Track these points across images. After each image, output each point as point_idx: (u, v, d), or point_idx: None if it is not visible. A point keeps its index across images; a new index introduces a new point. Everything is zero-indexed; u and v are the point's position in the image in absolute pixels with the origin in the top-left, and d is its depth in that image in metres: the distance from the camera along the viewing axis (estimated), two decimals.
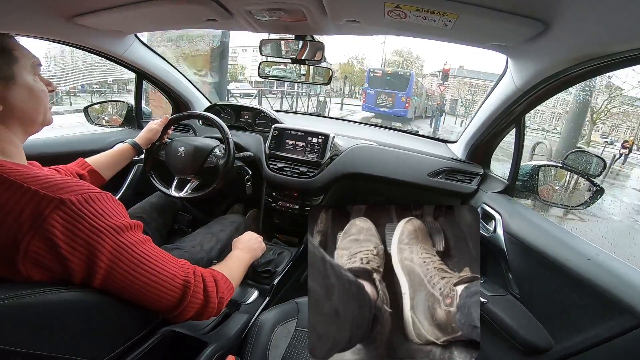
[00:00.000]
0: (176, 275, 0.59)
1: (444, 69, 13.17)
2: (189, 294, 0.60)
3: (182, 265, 0.62)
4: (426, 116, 15.54)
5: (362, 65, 37.89)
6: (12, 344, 0.43)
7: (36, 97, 0.60)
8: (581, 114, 6.29)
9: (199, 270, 0.65)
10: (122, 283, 0.53)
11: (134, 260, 0.54)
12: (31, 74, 0.59)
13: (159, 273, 0.57)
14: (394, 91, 11.44)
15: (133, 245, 0.54)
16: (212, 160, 1.28)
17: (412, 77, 11.48)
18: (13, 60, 0.56)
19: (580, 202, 1.11)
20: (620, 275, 0.72)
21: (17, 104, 0.56)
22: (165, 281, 0.57)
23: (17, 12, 0.93)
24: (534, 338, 0.82)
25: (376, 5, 0.76)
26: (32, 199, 0.47)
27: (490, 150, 1.39)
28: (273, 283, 1.30)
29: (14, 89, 0.56)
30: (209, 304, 0.64)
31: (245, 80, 26.29)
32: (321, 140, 1.46)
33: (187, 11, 0.97)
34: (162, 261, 0.58)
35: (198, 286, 0.62)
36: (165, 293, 0.57)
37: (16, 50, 0.57)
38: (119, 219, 0.54)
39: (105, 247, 0.50)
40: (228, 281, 0.72)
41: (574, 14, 0.64)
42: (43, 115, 0.62)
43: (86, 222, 0.49)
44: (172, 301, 0.59)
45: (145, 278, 0.55)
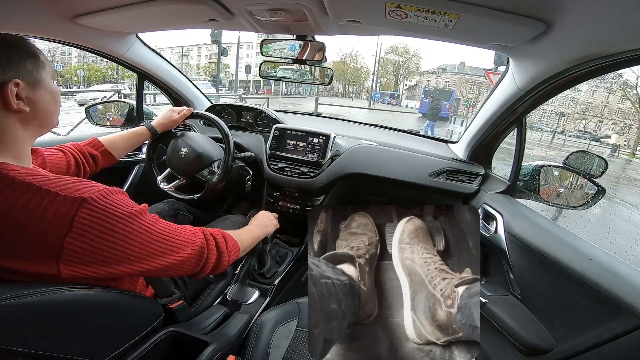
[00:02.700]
0: (191, 240, 0.67)
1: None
2: (204, 252, 0.68)
3: (192, 231, 0.69)
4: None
5: (356, 64, 37.68)
6: (12, 344, 0.44)
7: (55, 100, 0.64)
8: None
9: (207, 230, 0.73)
10: (153, 261, 0.59)
11: (157, 237, 0.60)
12: (52, 79, 0.63)
13: (179, 243, 0.64)
14: (441, 100, 15.89)
15: (153, 225, 0.60)
16: (204, 174, 1.28)
17: (454, 92, 19.05)
18: (41, 66, 0.60)
19: (582, 202, 1.10)
20: (623, 276, 0.72)
21: (42, 105, 0.60)
22: (184, 248, 0.65)
23: (19, 13, 0.93)
24: (536, 339, 0.82)
25: (377, 5, 0.76)
26: (54, 200, 0.49)
27: (491, 150, 1.39)
28: (274, 283, 1.31)
29: (40, 91, 0.60)
30: (222, 257, 0.73)
31: (226, 79, 25.71)
32: (322, 141, 1.46)
33: (189, 11, 0.97)
34: (178, 231, 0.65)
35: (210, 243, 0.71)
36: (187, 258, 0.65)
37: (42, 56, 0.61)
38: (133, 206, 0.58)
39: (134, 232, 0.56)
40: (235, 241, 0.80)
41: (576, 14, 0.64)
42: (57, 117, 0.67)
43: (111, 213, 0.53)
44: (193, 261, 0.66)
45: (170, 250, 0.62)
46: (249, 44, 31.38)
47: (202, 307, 1.03)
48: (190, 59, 29.36)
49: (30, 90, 0.57)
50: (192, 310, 0.97)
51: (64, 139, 1.41)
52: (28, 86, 0.57)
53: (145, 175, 1.57)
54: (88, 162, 0.95)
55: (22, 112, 0.56)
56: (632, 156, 12.66)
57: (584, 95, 20.43)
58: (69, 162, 0.88)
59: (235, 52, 20.03)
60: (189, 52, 29.13)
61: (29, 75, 0.57)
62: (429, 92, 18.67)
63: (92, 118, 1.59)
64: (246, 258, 1.42)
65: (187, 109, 1.24)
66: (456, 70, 29.40)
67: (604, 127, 19.16)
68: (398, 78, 36.52)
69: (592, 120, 19.96)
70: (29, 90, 0.57)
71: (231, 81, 22.44)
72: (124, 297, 0.63)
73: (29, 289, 0.46)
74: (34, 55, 0.58)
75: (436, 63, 46.69)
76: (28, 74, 0.57)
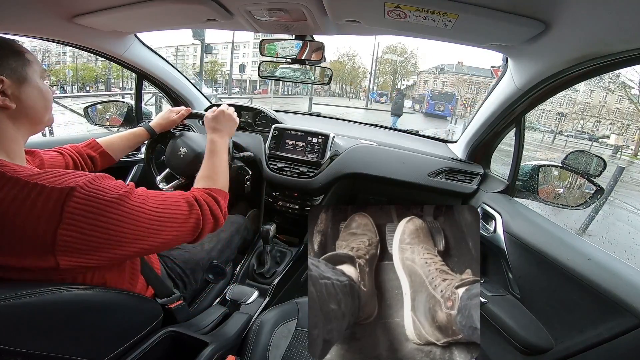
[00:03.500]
0: (186, 214, 0.67)
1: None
2: (200, 223, 0.69)
3: (186, 201, 0.69)
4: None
5: (354, 63, 37.60)
6: (12, 344, 0.43)
7: (45, 98, 0.64)
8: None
9: (200, 198, 0.73)
10: (148, 240, 0.59)
11: (150, 216, 0.60)
12: (40, 77, 0.63)
13: (175, 218, 0.64)
14: (444, 102, 19.46)
15: (143, 204, 0.60)
16: None
17: (455, 94, 20.56)
18: (26, 63, 0.60)
19: (580, 202, 1.11)
20: (621, 275, 0.72)
21: (29, 103, 0.60)
22: (180, 222, 0.65)
23: (17, 12, 0.93)
24: (535, 338, 0.82)
25: (376, 5, 0.76)
26: (41, 192, 0.49)
27: (490, 150, 1.40)
28: (273, 283, 1.31)
29: (27, 88, 0.60)
30: (218, 221, 0.75)
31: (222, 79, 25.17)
32: (321, 140, 1.46)
33: (187, 11, 0.97)
34: (171, 205, 0.65)
35: (206, 211, 0.71)
36: (184, 232, 0.67)
37: (28, 54, 0.61)
38: (122, 188, 0.58)
39: (125, 215, 0.55)
40: (225, 193, 0.82)
41: (575, 14, 0.64)
42: (49, 116, 0.66)
43: (100, 198, 0.53)
44: (190, 233, 0.68)
45: (165, 227, 0.62)
46: (245, 43, 31.27)
47: (202, 307, 1.03)
48: (185, 59, 29.18)
49: (16, 87, 0.57)
50: (191, 310, 0.97)
51: (63, 140, 1.41)
52: (13, 83, 0.57)
53: (144, 175, 1.56)
54: (86, 164, 0.94)
55: (8, 108, 0.56)
56: (633, 157, 12.65)
57: (583, 95, 20.44)
58: (67, 163, 0.88)
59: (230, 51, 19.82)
60: (185, 51, 28.98)
61: (13, 73, 0.57)
62: (434, 95, 20.88)
63: (91, 118, 1.59)
64: (246, 258, 1.42)
65: (185, 109, 1.23)
66: (454, 70, 29.46)
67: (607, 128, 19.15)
68: (396, 78, 36.53)
69: (590, 121, 19.97)
70: (15, 87, 0.57)
71: (227, 81, 22.26)
72: (123, 297, 0.63)
73: (28, 289, 0.46)
74: (17, 53, 0.59)
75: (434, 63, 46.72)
76: (12, 71, 0.57)
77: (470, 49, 1.46)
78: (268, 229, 1.32)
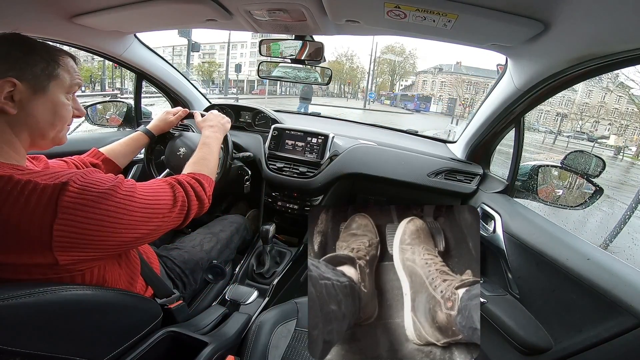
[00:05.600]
0: (172, 198, 0.69)
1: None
2: (186, 206, 0.71)
3: (171, 187, 0.71)
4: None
5: (352, 63, 37.63)
6: (12, 344, 0.43)
7: (58, 116, 0.61)
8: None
9: (184, 181, 0.75)
10: (141, 227, 0.60)
11: (140, 203, 0.61)
12: (64, 93, 0.62)
13: (163, 204, 0.66)
14: (425, 102, 27.32)
15: (133, 194, 0.60)
16: None
17: (431, 97, 28.34)
18: (54, 76, 0.59)
19: (580, 202, 1.11)
20: (620, 275, 0.72)
21: (33, 114, 0.58)
22: (169, 207, 0.67)
23: (16, 12, 0.92)
24: (534, 338, 0.82)
25: (376, 5, 0.76)
26: (35, 189, 0.49)
27: (489, 150, 1.40)
28: (273, 283, 1.30)
29: (39, 100, 0.57)
30: (203, 204, 0.78)
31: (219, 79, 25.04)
32: (321, 141, 1.46)
33: (187, 11, 0.97)
34: (154, 189, 0.67)
35: (190, 194, 0.74)
36: (173, 217, 0.68)
37: (62, 69, 0.60)
38: (112, 180, 0.59)
39: (117, 205, 0.56)
40: (210, 179, 0.85)
41: (574, 14, 0.64)
42: (56, 134, 0.63)
43: (92, 191, 0.53)
44: (177, 216, 0.70)
45: (155, 213, 0.64)
46: (243, 43, 31.15)
47: (201, 307, 1.03)
48: (182, 59, 29.11)
49: (28, 95, 0.55)
50: (190, 310, 0.97)
51: None
52: (28, 90, 0.55)
53: (144, 175, 1.56)
54: None
55: (7, 112, 0.54)
56: (635, 158, 12.61)
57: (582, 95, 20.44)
58: None
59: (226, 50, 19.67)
60: (182, 51, 28.88)
61: (33, 80, 0.56)
62: (421, 97, 28.93)
63: (91, 118, 1.59)
64: (245, 258, 1.42)
65: (183, 109, 1.23)
66: (452, 70, 29.57)
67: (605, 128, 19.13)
68: (394, 78, 36.56)
69: (589, 121, 19.97)
70: (27, 95, 0.55)
71: (224, 81, 22.16)
72: (122, 297, 0.63)
73: (27, 289, 0.46)
74: (52, 63, 0.58)
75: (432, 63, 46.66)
76: (34, 78, 0.56)
77: (469, 49, 1.46)
78: (267, 229, 1.32)
